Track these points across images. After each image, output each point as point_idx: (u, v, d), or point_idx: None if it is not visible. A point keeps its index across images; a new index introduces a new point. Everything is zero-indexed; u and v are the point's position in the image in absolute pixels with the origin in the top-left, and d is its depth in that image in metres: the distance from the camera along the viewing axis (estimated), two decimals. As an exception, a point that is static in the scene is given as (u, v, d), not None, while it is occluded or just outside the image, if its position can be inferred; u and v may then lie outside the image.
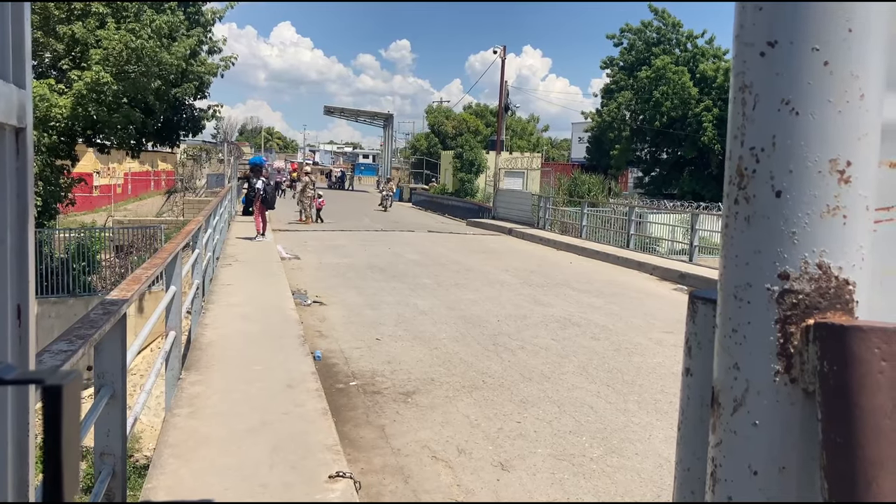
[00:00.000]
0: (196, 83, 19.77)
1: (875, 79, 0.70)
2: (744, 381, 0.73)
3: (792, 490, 0.71)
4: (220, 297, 8.90)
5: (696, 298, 0.88)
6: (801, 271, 0.70)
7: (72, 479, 0.58)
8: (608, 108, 42.24)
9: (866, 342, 0.64)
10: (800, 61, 0.69)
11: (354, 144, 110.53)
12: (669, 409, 6.02)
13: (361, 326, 8.75)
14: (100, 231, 21.38)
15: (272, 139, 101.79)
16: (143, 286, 3.58)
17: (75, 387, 0.59)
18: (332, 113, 56.56)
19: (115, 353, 2.93)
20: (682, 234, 18.97)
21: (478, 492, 4.49)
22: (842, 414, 0.64)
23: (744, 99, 0.73)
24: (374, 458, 4.94)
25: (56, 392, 0.57)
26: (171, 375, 5.44)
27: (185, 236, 6.57)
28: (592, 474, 4.83)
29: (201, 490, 3.58)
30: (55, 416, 0.57)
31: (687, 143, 38.26)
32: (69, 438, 0.58)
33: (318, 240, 18.14)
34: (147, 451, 11.57)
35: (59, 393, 0.57)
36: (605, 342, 8.39)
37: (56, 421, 0.57)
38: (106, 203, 35.46)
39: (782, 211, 0.70)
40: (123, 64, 16.81)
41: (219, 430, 4.47)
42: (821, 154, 0.69)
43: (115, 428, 2.92)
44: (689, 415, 0.88)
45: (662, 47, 40.56)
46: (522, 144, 52.85)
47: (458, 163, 41.69)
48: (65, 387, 0.57)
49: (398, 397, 6.19)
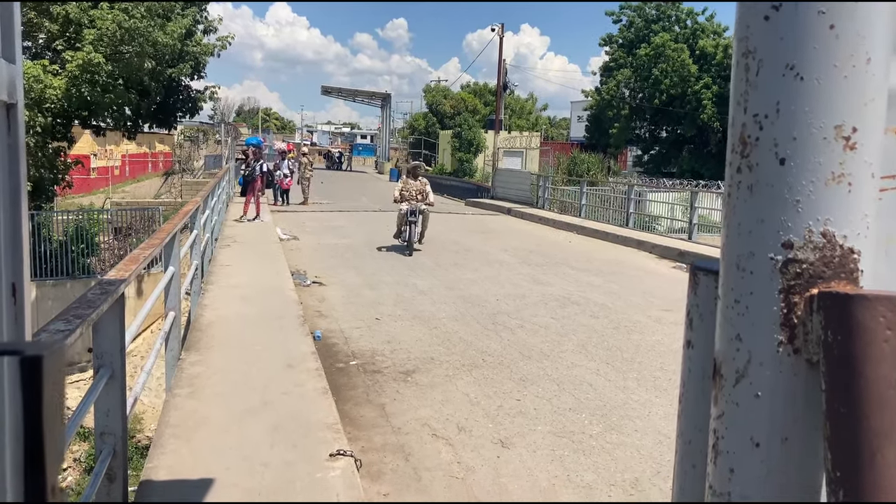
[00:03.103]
0: (192, 63, 19.65)
1: (882, 43, 0.68)
2: (746, 352, 0.72)
3: (794, 461, 0.70)
4: (220, 278, 8.90)
5: (697, 269, 0.87)
6: (805, 240, 0.69)
7: (54, 458, 0.54)
8: (607, 86, 42.03)
9: (871, 311, 0.63)
10: (805, 25, 0.68)
11: (352, 125, 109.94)
12: (669, 386, 6.04)
13: (361, 306, 8.76)
14: (98, 213, 21.34)
15: (270, 120, 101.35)
16: (140, 265, 3.57)
17: (57, 359, 0.54)
18: (330, 93, 56.22)
19: (113, 334, 2.93)
20: (681, 213, 18.95)
21: (478, 469, 4.51)
22: (846, 384, 0.63)
23: (747, 65, 0.72)
24: (374, 436, 4.96)
25: (35, 364, 0.52)
26: (170, 356, 5.45)
27: (182, 217, 6.55)
28: (592, 451, 4.86)
29: (202, 469, 3.60)
30: (35, 390, 0.52)
31: (686, 121, 38.11)
32: (50, 414, 0.53)
33: (316, 220, 18.11)
34: (149, 432, 11.64)
35: (38, 365, 0.52)
36: (605, 320, 8.40)
37: (36, 396, 0.52)
38: (103, 185, 35.35)
39: (786, 179, 0.69)
40: (117, 44, 16.67)
41: (219, 410, 4.49)
42: (826, 120, 0.68)
43: (114, 408, 2.92)
44: (691, 387, 0.87)
45: (662, 24, 40.29)
46: (521, 124, 52.61)
47: (457, 142, 41.54)
48: (45, 358, 0.53)
49: (398, 376, 6.21)
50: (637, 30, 41.05)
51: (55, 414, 0.53)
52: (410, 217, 12.89)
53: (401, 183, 13.73)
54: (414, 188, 13.35)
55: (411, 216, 12.91)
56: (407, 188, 13.37)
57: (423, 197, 13.27)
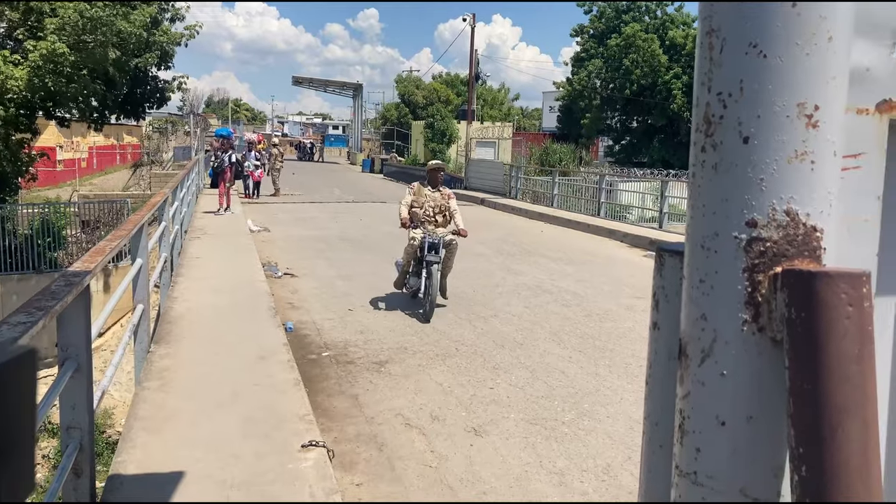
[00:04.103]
0: (159, 53, 19.31)
1: (843, 21, 0.68)
2: (711, 331, 0.72)
3: (760, 439, 0.70)
4: (189, 271, 8.79)
5: (662, 251, 0.87)
6: (769, 218, 0.68)
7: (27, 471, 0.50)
8: (578, 76, 42.17)
9: (834, 288, 0.63)
10: (767, 3, 0.67)
11: (324, 115, 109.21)
12: (639, 372, 6.10)
13: (333, 297, 8.72)
14: (65, 206, 20.95)
15: (240, 111, 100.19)
16: (107, 257, 3.51)
17: (25, 363, 0.48)
18: (301, 83, 55.71)
19: (78, 326, 2.87)
20: (651, 202, 19.09)
21: (451, 457, 4.52)
22: (809, 360, 0.63)
23: (711, 43, 0.71)
24: (347, 426, 4.94)
25: None
26: (140, 349, 5.38)
27: (150, 208, 6.45)
28: (565, 437, 4.89)
29: (172, 462, 3.56)
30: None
31: (657, 111, 38.43)
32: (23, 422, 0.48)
33: (288, 212, 17.97)
34: (119, 427, 11.49)
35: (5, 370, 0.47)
36: (577, 308, 8.45)
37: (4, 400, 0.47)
38: (70, 178, 34.69)
39: (750, 157, 0.69)
40: (80, 33, 16.31)
41: (189, 403, 4.44)
42: (789, 98, 0.68)
43: (80, 402, 2.87)
44: (657, 369, 0.87)
45: (632, 15, 40.50)
46: (494, 114, 52.57)
47: (430, 133, 41.42)
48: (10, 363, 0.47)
49: (371, 367, 6.20)
50: (608, 20, 41.22)
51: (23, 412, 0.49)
52: (429, 255, 7.76)
53: (410, 194, 8.36)
54: (432, 202, 8.26)
55: (430, 253, 7.78)
56: (421, 202, 8.25)
57: (447, 218, 8.30)
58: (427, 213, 8.22)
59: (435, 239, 7.91)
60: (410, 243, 7.99)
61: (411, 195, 8.35)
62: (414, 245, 7.95)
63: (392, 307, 8.27)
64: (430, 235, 7.94)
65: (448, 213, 8.28)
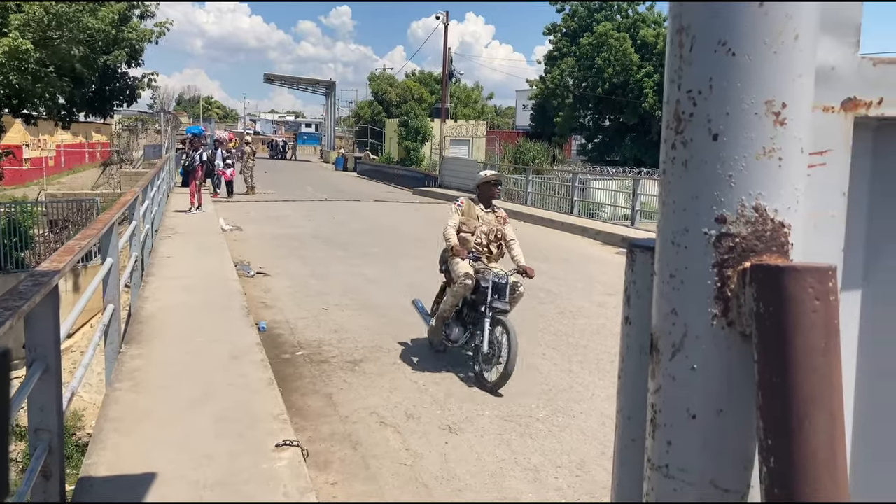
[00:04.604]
0: (128, 50, 18.99)
1: (808, 20, 0.69)
2: (682, 326, 0.73)
3: (730, 432, 0.71)
4: (160, 270, 8.69)
5: (634, 247, 0.88)
6: (737, 214, 0.70)
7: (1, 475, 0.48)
8: (551, 75, 42.31)
9: (801, 282, 0.64)
10: (736, 1, 0.68)
11: (296, 113, 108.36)
12: (612, 368, 6.12)
13: (307, 296, 8.67)
14: (32, 205, 20.55)
15: (211, 109, 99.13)
16: (76, 257, 3.45)
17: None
18: (273, 81, 55.27)
19: (47, 326, 2.82)
20: (624, 200, 19.24)
21: (426, 455, 4.52)
22: (777, 353, 0.64)
23: (681, 41, 0.72)
24: (321, 426, 4.92)
25: None
26: (110, 349, 5.30)
27: (120, 207, 6.36)
28: (539, 434, 4.92)
29: (144, 464, 3.51)
30: None
31: (629, 109, 38.68)
32: None
33: (260, 210, 17.83)
34: (90, 429, 11.32)
35: None
36: (550, 306, 8.50)
37: None
38: (37, 176, 34.03)
39: (719, 154, 0.70)
40: (46, 30, 15.99)
41: (161, 403, 4.39)
42: (757, 96, 0.69)
43: (49, 403, 2.82)
44: (629, 363, 0.88)
45: (604, 13, 40.72)
46: (467, 112, 52.64)
47: (403, 131, 41.32)
48: None
49: (345, 365, 6.18)
50: (580, 19, 41.40)
51: None
52: (498, 302, 5.80)
53: (457, 212, 6.39)
54: (485, 227, 6.33)
55: (499, 300, 5.82)
56: (471, 225, 6.30)
57: (501, 250, 6.39)
58: (479, 241, 6.26)
59: (502, 279, 5.89)
60: (462, 281, 5.93)
61: (459, 214, 6.36)
62: (467, 285, 5.93)
63: (366, 305, 8.24)
64: (493, 274, 5.93)
65: (503, 239, 6.36)
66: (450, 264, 6.30)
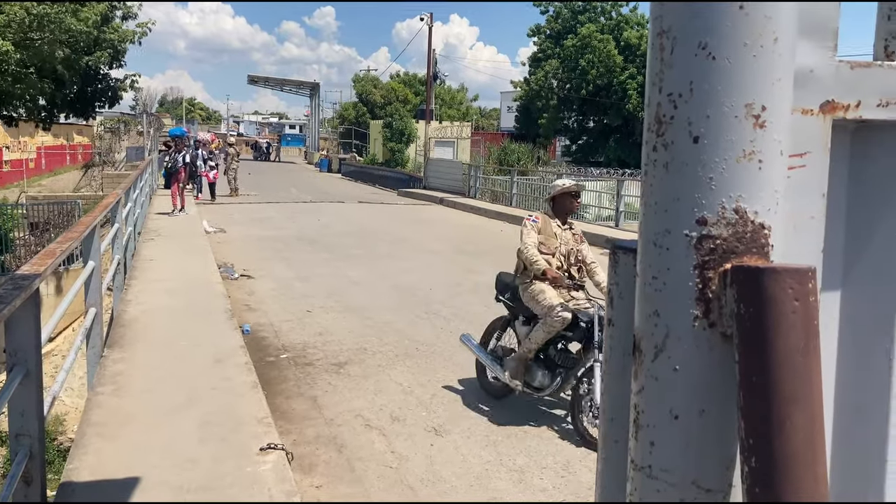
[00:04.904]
0: (110, 51, 18.84)
1: (787, 22, 0.70)
2: (664, 327, 0.73)
3: (712, 432, 0.72)
4: (143, 273, 8.62)
5: (617, 249, 0.88)
6: (718, 216, 0.70)
7: None
8: (536, 76, 42.44)
9: (781, 283, 0.65)
10: (716, 4, 0.69)
11: (280, 115, 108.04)
12: (598, 369, 6.17)
13: (291, 299, 8.64)
14: (12, 208, 20.33)
15: (194, 110, 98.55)
16: (57, 260, 3.42)
17: None
18: (257, 82, 55.05)
19: (28, 330, 2.79)
20: (608, 201, 19.32)
21: (412, 457, 4.52)
22: (758, 353, 0.65)
23: (661, 44, 0.73)
24: (306, 429, 4.90)
25: None
26: (92, 353, 5.25)
27: (102, 209, 6.31)
28: (525, 436, 4.92)
29: (127, 468, 3.48)
30: None
31: (612, 111, 38.88)
32: None
33: (244, 212, 17.75)
34: (72, 434, 11.21)
35: None
36: (536, 307, 8.51)
37: None
38: (17, 179, 33.68)
39: (700, 156, 0.70)
40: (26, 31, 15.82)
41: (144, 407, 4.35)
42: (737, 99, 0.69)
43: (30, 408, 2.79)
44: (613, 365, 0.89)
45: (588, 15, 40.92)
46: (452, 114, 52.62)
47: (388, 132, 41.27)
48: None
49: (330, 368, 6.16)
50: (564, 21, 41.57)
51: None
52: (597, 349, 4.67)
53: (533, 229, 5.43)
54: (564, 247, 5.42)
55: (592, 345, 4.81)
56: (550, 245, 5.37)
57: (582, 271, 5.44)
58: (560, 264, 5.34)
59: (589, 317, 4.91)
60: (554, 316, 4.95)
61: (535, 232, 5.38)
62: (565, 318, 4.94)
63: (351, 308, 8.21)
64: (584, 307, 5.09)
65: (585, 265, 5.42)
66: (529, 292, 5.20)
